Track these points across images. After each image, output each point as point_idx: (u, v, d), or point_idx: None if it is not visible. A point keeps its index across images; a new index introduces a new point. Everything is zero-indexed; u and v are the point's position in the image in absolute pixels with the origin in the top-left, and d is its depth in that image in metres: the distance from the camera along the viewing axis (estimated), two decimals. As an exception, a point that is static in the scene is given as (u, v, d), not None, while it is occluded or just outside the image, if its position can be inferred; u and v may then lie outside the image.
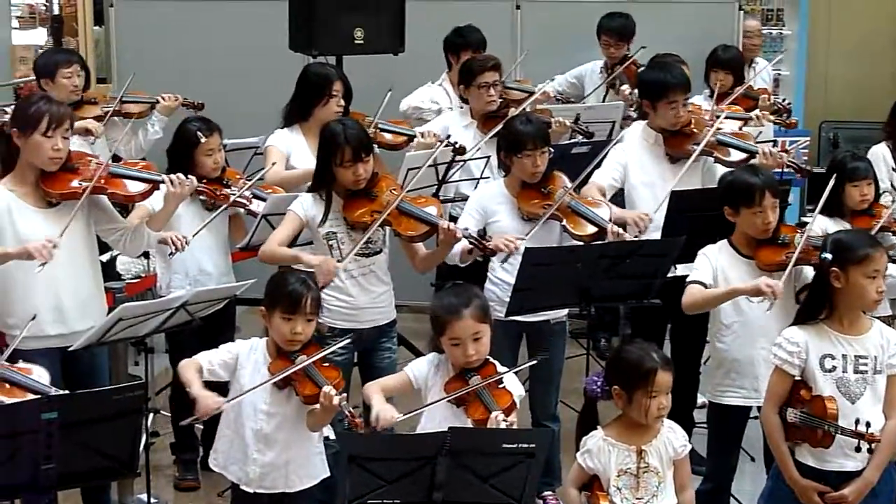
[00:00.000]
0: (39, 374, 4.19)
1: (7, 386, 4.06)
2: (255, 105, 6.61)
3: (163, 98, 6.76)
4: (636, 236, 5.39)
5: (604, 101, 7.51)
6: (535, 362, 4.46)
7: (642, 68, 7.27)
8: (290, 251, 5.00)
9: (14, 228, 4.70)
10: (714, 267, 4.83)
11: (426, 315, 4.37)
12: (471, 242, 4.98)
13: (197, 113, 6.48)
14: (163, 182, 4.95)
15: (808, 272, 4.81)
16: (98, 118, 6.53)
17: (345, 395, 4.17)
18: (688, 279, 4.87)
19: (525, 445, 3.78)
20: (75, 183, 4.77)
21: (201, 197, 5.34)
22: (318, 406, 4.20)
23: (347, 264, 4.96)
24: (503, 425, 3.98)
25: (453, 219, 5.27)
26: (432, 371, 4.31)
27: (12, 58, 10.73)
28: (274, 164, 5.81)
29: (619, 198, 5.84)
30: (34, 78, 6.73)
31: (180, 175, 4.97)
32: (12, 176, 4.80)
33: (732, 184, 4.93)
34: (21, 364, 4.21)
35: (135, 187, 4.93)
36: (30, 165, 4.76)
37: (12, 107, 5.03)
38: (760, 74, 8.12)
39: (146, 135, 6.76)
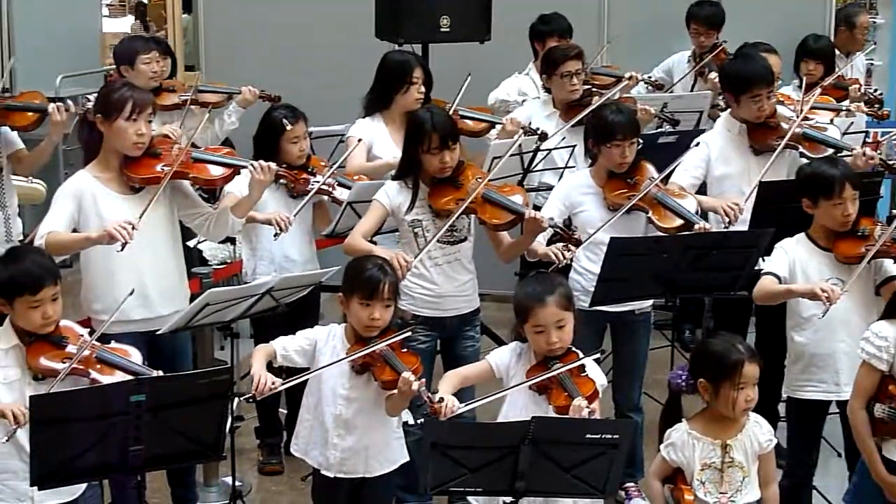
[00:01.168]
0: (136, 357, 4.24)
1: (103, 366, 4.11)
2: (340, 93, 6.63)
3: (242, 90, 6.78)
4: (726, 226, 5.34)
5: (692, 90, 7.44)
6: (598, 355, 4.45)
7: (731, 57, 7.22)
8: (366, 245, 4.98)
9: (99, 214, 4.76)
10: (791, 259, 4.76)
11: (509, 304, 4.37)
12: (556, 232, 4.96)
13: (273, 104, 6.51)
14: (245, 167, 4.98)
15: (889, 265, 4.75)
16: (174, 106, 6.60)
17: (423, 380, 4.18)
18: (762, 270, 4.81)
19: (609, 436, 3.78)
20: (158, 168, 4.82)
21: (282, 181, 5.35)
22: (396, 391, 4.22)
23: (432, 252, 4.97)
24: (585, 412, 3.97)
25: (537, 208, 5.25)
26: (514, 359, 4.31)
27: (102, 46, 10.90)
28: (358, 143, 5.80)
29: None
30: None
31: (262, 161, 5.00)
32: (96, 163, 4.86)
33: (811, 175, 4.84)
34: (115, 345, 4.27)
35: (216, 172, 4.97)
36: (113, 151, 4.82)
37: (95, 94, 5.08)
38: (854, 64, 7.98)
39: (222, 125, 6.80)
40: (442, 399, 4.09)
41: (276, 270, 5.52)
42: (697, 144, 5.63)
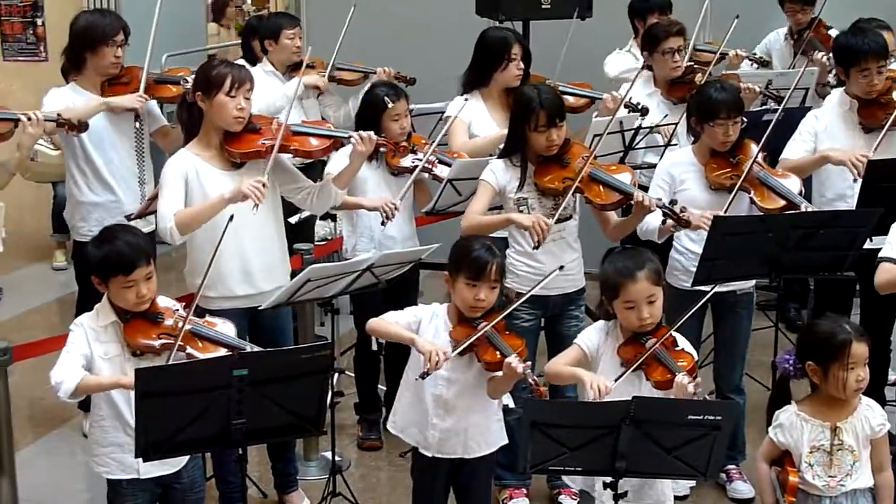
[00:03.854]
0: (226, 328, 4.27)
1: (198, 340, 4.16)
2: (441, 70, 6.62)
3: (377, 71, 6.84)
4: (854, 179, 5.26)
5: (791, 67, 7.29)
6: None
7: (832, 29, 7.06)
8: (499, 217, 4.98)
9: (203, 192, 4.81)
10: None
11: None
12: (665, 213, 4.90)
13: (406, 87, 6.56)
14: (345, 139, 5.00)
15: None
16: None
17: (529, 363, 4.16)
18: (879, 255, 4.69)
19: (711, 417, 3.73)
20: (259, 142, 4.86)
21: (382, 149, 5.34)
22: (499, 373, 4.20)
23: None
24: (690, 388, 3.93)
25: (641, 187, 5.18)
26: (602, 338, 4.29)
27: (206, 24, 11.05)
28: (453, 119, 5.79)
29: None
30: (238, 42, 6.94)
31: (363, 132, 5.00)
32: (197, 141, 4.91)
33: None
34: (208, 318, 4.32)
35: (316, 143, 5.00)
36: (214, 128, 4.86)
37: (192, 76, 5.15)
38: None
39: (356, 105, 6.85)
40: (547, 383, 4.07)
41: (377, 247, 5.55)
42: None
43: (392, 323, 4.35)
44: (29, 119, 4.97)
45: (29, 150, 5.11)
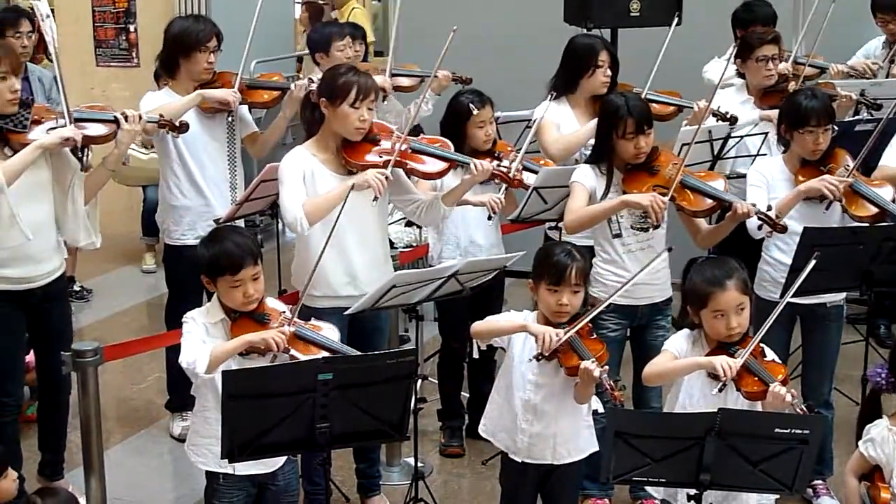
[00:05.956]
0: (331, 333, 4.30)
1: (302, 343, 4.19)
2: (528, 78, 6.61)
3: (439, 75, 6.83)
4: None
5: (887, 76, 7.18)
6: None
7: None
8: (611, 202, 4.92)
9: (315, 192, 4.83)
10: None
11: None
12: (760, 219, 4.84)
13: (465, 87, 6.55)
14: (464, 164, 4.99)
15: None
16: None
17: (606, 367, 4.13)
18: None
19: (798, 431, 3.68)
20: (375, 157, 4.86)
21: (496, 181, 5.28)
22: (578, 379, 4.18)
23: (626, 238, 4.93)
24: (789, 397, 3.87)
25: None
26: (689, 347, 4.25)
27: (295, 31, 11.17)
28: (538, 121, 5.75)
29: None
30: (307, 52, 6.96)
31: (484, 162, 4.99)
32: (315, 141, 4.94)
33: None
34: (313, 322, 4.36)
35: (433, 166, 4.99)
36: (333, 133, 4.89)
37: (319, 76, 5.18)
38: None
39: (417, 111, 6.84)
40: (625, 387, 4.04)
41: (462, 254, 5.55)
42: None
43: (498, 319, 4.37)
44: (126, 118, 5.05)
45: (126, 148, 5.18)
